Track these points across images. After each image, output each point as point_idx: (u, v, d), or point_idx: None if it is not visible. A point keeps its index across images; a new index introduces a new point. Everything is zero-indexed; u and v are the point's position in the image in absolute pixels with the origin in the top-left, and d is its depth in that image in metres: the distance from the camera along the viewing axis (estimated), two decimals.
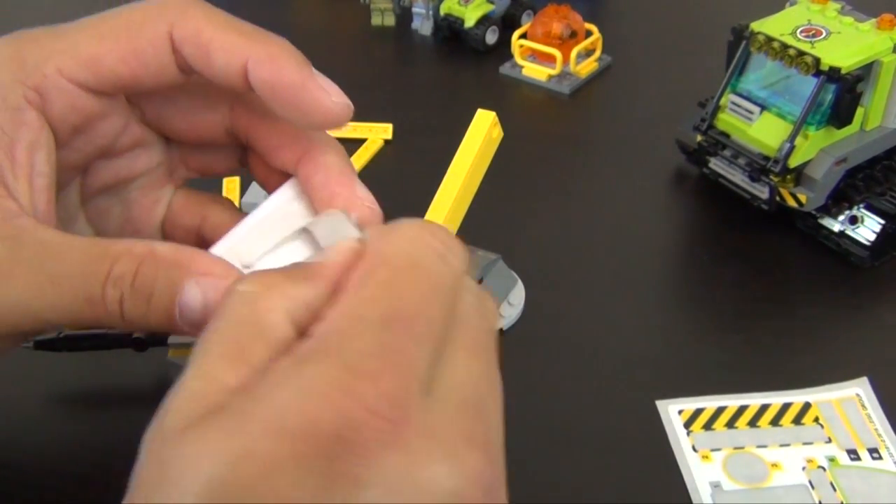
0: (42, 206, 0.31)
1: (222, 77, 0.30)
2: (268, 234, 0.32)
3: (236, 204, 0.59)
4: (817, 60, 0.50)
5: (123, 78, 0.31)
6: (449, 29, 0.77)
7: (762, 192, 0.54)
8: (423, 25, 0.79)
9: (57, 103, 0.30)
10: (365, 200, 0.32)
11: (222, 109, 0.34)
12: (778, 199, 0.54)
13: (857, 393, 0.45)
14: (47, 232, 0.29)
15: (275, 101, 0.31)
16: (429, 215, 0.49)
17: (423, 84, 0.75)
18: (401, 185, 0.62)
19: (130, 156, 0.35)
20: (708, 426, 0.44)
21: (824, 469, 0.42)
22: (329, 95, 0.31)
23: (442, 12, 0.77)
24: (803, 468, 0.42)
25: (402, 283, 0.25)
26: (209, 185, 0.51)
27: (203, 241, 0.34)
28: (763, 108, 0.53)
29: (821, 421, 0.44)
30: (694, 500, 0.41)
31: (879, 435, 0.43)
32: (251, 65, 0.30)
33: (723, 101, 0.55)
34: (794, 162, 0.52)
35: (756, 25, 0.53)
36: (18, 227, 0.29)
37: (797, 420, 0.44)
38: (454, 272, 0.26)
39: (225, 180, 0.60)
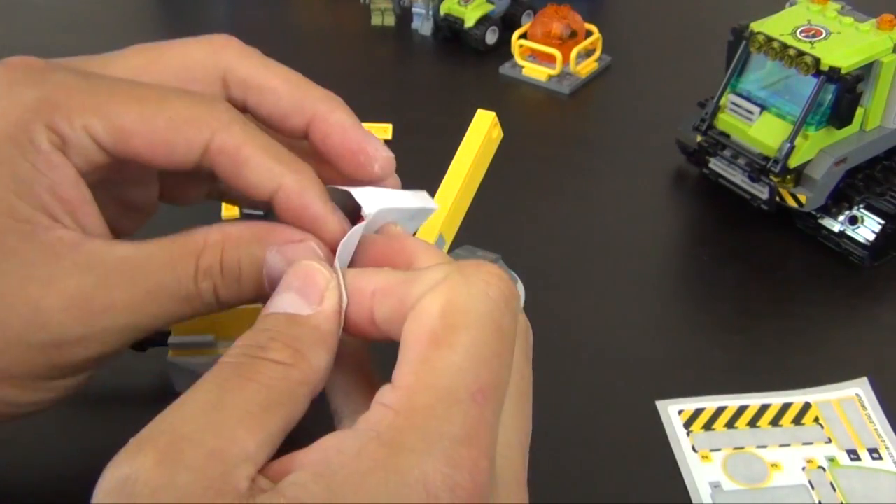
0: (101, 231, 0.31)
1: (247, 193, 0.31)
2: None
3: (236, 212, 0.59)
4: (817, 60, 0.50)
5: (144, 158, 0.30)
6: (449, 29, 0.77)
7: (762, 193, 0.54)
8: (423, 25, 0.79)
9: (76, 157, 0.30)
10: (382, 151, 0.33)
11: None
12: (778, 199, 0.54)
13: (857, 393, 0.45)
14: (121, 247, 0.30)
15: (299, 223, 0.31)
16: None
17: (423, 84, 0.75)
18: (401, 184, 0.62)
19: (134, 191, 0.36)
20: (708, 426, 0.44)
21: (824, 469, 0.42)
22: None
23: (442, 12, 0.77)
24: (803, 468, 0.42)
25: (488, 352, 0.25)
26: None
27: None
28: (763, 108, 0.53)
29: (821, 421, 0.44)
30: (694, 501, 0.41)
31: (879, 435, 0.43)
32: (281, 194, 0.30)
33: (723, 101, 0.55)
34: (794, 162, 0.52)
35: (756, 25, 0.53)
36: (93, 253, 0.29)
37: (797, 420, 0.44)
38: (517, 322, 0.27)
39: None
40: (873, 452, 0.43)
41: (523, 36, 0.73)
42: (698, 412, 0.45)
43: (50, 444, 0.44)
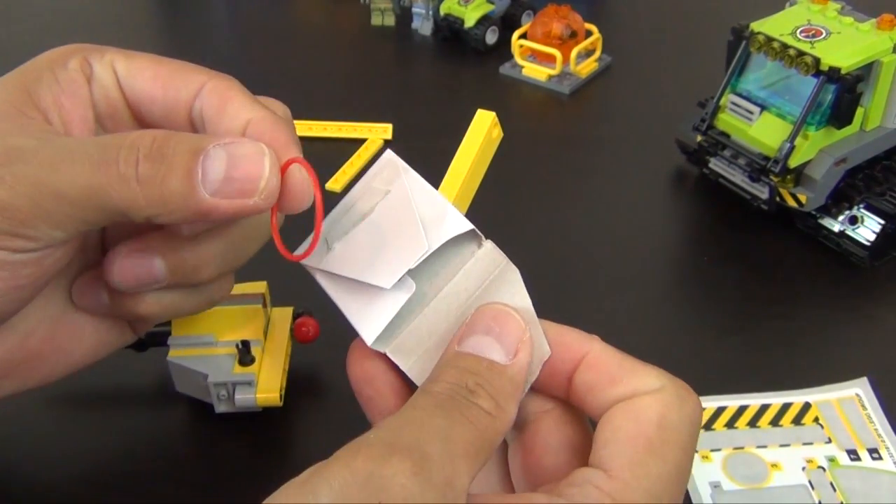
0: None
1: (227, 125, 0.33)
2: (352, 211, 0.34)
3: None
4: (817, 60, 0.50)
5: (150, 93, 0.35)
6: (449, 29, 0.77)
7: (762, 193, 0.54)
8: (423, 25, 0.79)
9: (99, 82, 0.35)
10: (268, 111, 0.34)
11: None
12: (778, 199, 0.54)
13: (857, 393, 0.45)
14: (77, 136, 0.33)
15: None
16: None
17: (423, 84, 0.75)
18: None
19: None
20: (708, 426, 0.44)
21: (824, 469, 0.42)
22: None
23: (442, 12, 0.77)
24: (803, 468, 0.42)
25: (686, 471, 0.29)
26: None
27: None
28: (763, 108, 0.53)
29: (821, 421, 0.44)
30: (694, 501, 0.41)
31: (879, 435, 0.43)
32: (252, 123, 0.33)
33: (723, 101, 0.55)
34: (794, 162, 0.52)
35: (756, 25, 0.53)
36: (50, 132, 0.32)
37: (797, 420, 0.44)
38: None
39: None
40: (873, 452, 0.43)
41: (523, 36, 0.73)
42: None
43: (50, 443, 0.44)
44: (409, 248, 0.31)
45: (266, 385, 0.43)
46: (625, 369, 0.30)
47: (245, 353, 0.43)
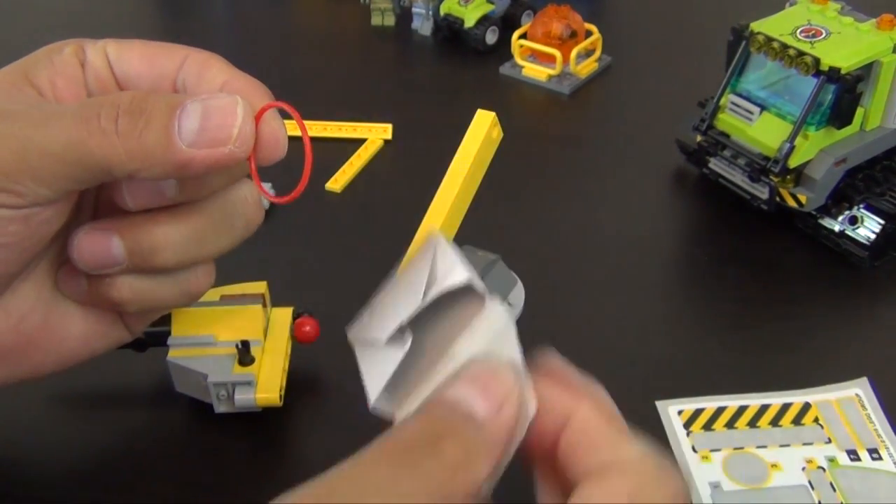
0: None
1: (205, 87, 0.35)
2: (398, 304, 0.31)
3: None
4: (817, 60, 0.50)
5: (137, 68, 0.37)
6: (449, 29, 0.77)
7: (762, 193, 0.54)
8: (423, 25, 0.79)
9: (92, 66, 0.36)
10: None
11: None
12: (778, 199, 0.54)
13: (856, 393, 0.45)
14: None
15: None
16: (428, 215, 0.49)
17: (423, 84, 0.75)
18: (401, 185, 0.62)
19: None
20: (708, 426, 0.44)
21: (824, 469, 0.42)
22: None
23: (442, 12, 0.77)
24: (803, 468, 0.42)
25: None
26: None
27: None
28: (763, 108, 0.53)
29: (821, 421, 0.44)
30: (694, 501, 0.41)
31: (879, 435, 0.43)
32: (226, 85, 0.35)
33: (723, 101, 0.55)
34: (794, 162, 0.52)
35: (756, 26, 0.53)
36: (41, 101, 0.34)
37: (797, 420, 0.44)
38: None
39: None
40: (873, 452, 0.43)
41: (523, 36, 0.73)
42: (698, 412, 0.45)
43: (50, 443, 0.44)
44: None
45: (266, 385, 0.43)
46: (607, 437, 0.28)
47: (245, 353, 0.43)
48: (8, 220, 0.31)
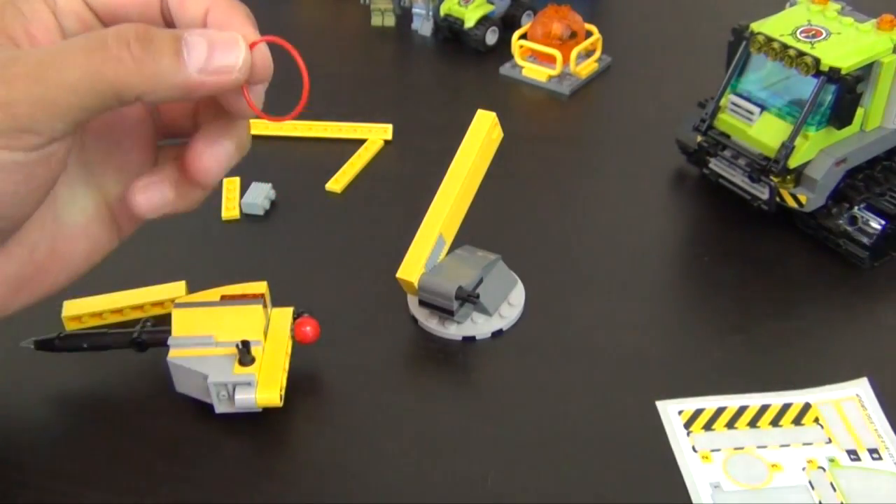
0: None
1: (187, 14, 0.36)
2: None
3: (237, 204, 0.59)
4: (817, 61, 0.50)
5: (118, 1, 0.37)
6: (449, 29, 0.77)
7: (762, 193, 0.54)
8: (423, 26, 0.79)
9: (64, 6, 0.36)
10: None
11: None
12: (778, 199, 0.54)
13: (857, 393, 0.45)
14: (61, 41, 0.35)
15: None
16: (429, 215, 0.49)
17: (423, 84, 0.75)
18: (401, 185, 0.62)
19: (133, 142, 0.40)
20: (708, 427, 0.44)
21: (824, 470, 0.42)
22: None
23: (442, 13, 0.77)
24: (803, 469, 0.42)
25: None
26: None
27: None
28: (763, 108, 0.53)
29: (821, 421, 0.44)
30: (694, 501, 0.41)
31: (879, 435, 0.43)
32: (211, 12, 0.36)
33: (723, 101, 0.55)
34: (794, 162, 0.52)
35: (756, 26, 0.53)
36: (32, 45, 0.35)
37: (797, 420, 0.44)
38: None
39: (225, 180, 0.60)
40: (873, 453, 0.43)
41: (523, 36, 0.73)
42: (698, 412, 0.45)
43: (50, 443, 0.44)
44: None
45: (266, 385, 0.43)
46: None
47: (245, 354, 0.43)
48: (35, 163, 0.33)
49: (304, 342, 0.46)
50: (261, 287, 0.45)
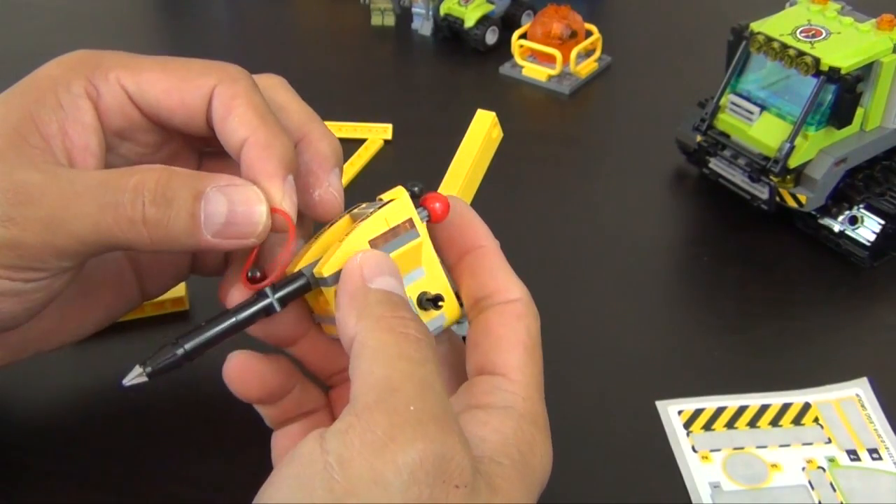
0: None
1: (225, 141, 0.35)
2: None
3: None
4: (817, 61, 0.50)
5: (163, 104, 0.36)
6: (449, 29, 0.77)
7: (762, 193, 0.54)
8: (423, 26, 0.79)
9: (109, 103, 0.36)
10: (332, 186, 0.37)
11: None
12: (778, 199, 0.54)
13: (857, 393, 0.45)
14: (80, 170, 0.34)
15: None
16: None
17: (423, 84, 0.75)
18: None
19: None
20: (708, 427, 0.44)
21: (824, 470, 0.42)
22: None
23: (442, 12, 0.77)
24: (803, 469, 0.42)
25: (542, 365, 0.35)
26: None
27: None
28: (763, 108, 0.53)
29: (820, 421, 0.44)
30: (694, 501, 0.41)
31: (879, 435, 0.43)
32: (247, 145, 0.34)
33: (723, 101, 0.55)
34: (794, 162, 0.52)
35: (756, 26, 0.53)
36: (54, 164, 0.34)
37: (797, 420, 0.44)
38: None
39: None
40: (873, 453, 0.43)
41: (523, 36, 0.73)
42: (698, 412, 0.45)
43: (50, 443, 0.44)
44: None
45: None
46: (496, 277, 0.36)
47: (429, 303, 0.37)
48: (33, 290, 0.33)
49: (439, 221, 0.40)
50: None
